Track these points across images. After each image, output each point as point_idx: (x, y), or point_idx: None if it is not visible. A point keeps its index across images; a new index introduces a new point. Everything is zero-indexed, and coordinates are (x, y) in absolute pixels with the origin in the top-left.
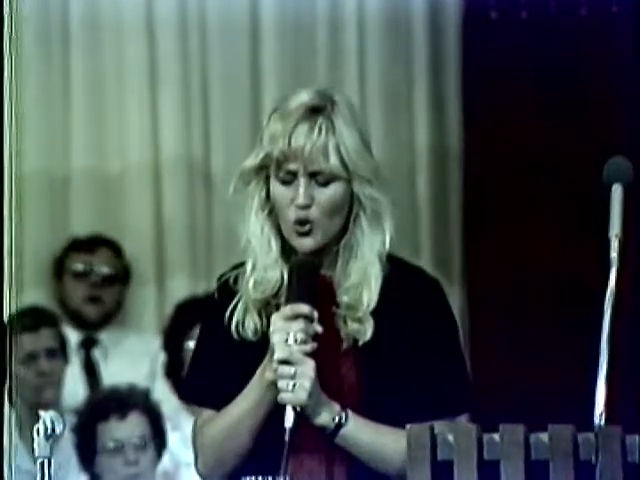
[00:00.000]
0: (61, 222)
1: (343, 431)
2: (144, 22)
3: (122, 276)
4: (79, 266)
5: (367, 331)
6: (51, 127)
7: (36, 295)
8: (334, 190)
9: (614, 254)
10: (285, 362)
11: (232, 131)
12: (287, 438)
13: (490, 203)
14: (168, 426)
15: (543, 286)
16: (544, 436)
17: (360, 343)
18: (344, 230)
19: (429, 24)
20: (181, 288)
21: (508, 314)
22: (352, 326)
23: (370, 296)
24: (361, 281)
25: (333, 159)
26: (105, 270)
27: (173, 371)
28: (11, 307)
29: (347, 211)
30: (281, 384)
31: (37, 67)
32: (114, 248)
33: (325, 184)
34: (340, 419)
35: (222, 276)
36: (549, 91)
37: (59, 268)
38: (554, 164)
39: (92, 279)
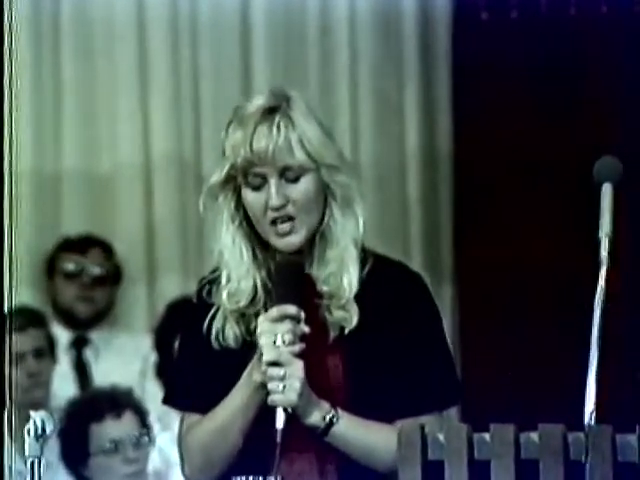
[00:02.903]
0: (52, 222)
1: (334, 430)
2: (135, 22)
3: (113, 276)
4: (70, 266)
5: (352, 318)
6: (42, 127)
7: (26, 295)
8: (305, 184)
9: (604, 253)
10: (274, 364)
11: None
12: (278, 439)
13: (481, 203)
14: (159, 426)
15: (534, 286)
16: (534, 435)
17: (346, 331)
18: (321, 221)
19: (420, 24)
20: (172, 288)
21: (498, 314)
22: (337, 314)
23: (350, 281)
24: (339, 268)
25: (298, 153)
26: (96, 270)
27: (164, 372)
28: (11, 306)
29: (322, 202)
30: (271, 386)
31: (28, 67)
32: (105, 248)
33: (295, 180)
34: (331, 418)
35: (203, 279)
36: (540, 91)
37: (50, 268)
38: (545, 164)
39: (83, 279)
